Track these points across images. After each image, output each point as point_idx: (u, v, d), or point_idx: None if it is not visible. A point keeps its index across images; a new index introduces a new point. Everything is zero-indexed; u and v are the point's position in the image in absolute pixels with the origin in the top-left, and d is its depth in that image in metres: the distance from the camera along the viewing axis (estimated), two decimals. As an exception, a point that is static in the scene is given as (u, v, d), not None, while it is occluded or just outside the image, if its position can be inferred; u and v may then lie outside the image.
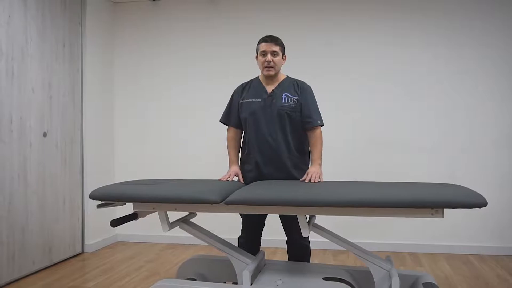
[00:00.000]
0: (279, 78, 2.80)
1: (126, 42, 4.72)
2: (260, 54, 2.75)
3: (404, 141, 4.20)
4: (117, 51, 4.74)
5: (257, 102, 2.76)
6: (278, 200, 2.16)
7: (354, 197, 2.09)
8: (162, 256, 4.11)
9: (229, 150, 2.87)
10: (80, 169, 4.20)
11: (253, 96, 2.79)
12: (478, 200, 2.01)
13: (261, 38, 2.78)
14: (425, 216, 2.12)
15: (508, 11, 4.05)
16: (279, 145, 2.71)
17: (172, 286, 2.33)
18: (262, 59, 2.74)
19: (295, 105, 2.72)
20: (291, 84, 2.78)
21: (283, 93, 2.74)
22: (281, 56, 2.76)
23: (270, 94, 2.75)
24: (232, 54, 4.52)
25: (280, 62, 2.75)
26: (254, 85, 2.84)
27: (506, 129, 4.05)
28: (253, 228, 2.88)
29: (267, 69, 2.73)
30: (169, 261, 3.95)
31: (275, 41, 2.73)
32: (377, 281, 2.42)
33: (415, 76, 4.19)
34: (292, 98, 2.73)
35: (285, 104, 2.71)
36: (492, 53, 4.07)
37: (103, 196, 2.37)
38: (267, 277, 2.49)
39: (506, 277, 3.39)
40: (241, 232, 2.93)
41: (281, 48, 2.76)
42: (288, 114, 2.71)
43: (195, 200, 2.22)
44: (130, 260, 3.98)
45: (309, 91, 2.79)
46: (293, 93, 2.75)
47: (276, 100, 2.72)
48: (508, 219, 4.05)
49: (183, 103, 4.62)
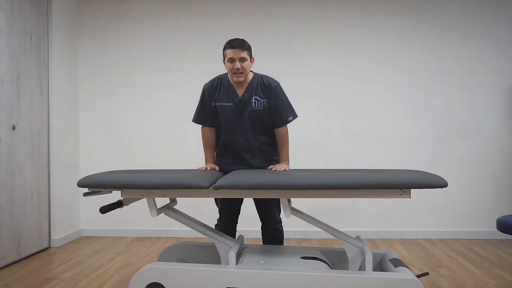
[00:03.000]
0: (247, 80, 2.88)
1: (92, 35, 4.72)
2: (227, 60, 2.78)
3: (362, 133, 4.51)
4: (82, 45, 4.72)
5: (229, 106, 2.87)
6: (264, 184, 2.35)
7: (335, 180, 2.32)
8: (131, 248, 4.17)
9: (205, 150, 3.00)
10: (47, 163, 4.18)
11: (225, 100, 2.88)
12: (440, 182, 2.31)
13: (226, 43, 2.78)
14: (395, 197, 2.38)
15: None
16: (251, 145, 2.88)
17: (162, 267, 2.45)
18: (231, 66, 2.77)
19: (265, 107, 2.86)
20: (259, 85, 2.87)
21: (253, 97, 2.85)
22: (249, 60, 2.80)
23: (241, 99, 2.86)
24: (196, 43, 4.65)
25: (248, 66, 2.80)
26: (224, 87, 2.90)
27: (454, 121, 4.45)
28: (230, 215, 3.04)
29: (237, 76, 2.78)
30: (140, 252, 4.02)
31: (241, 47, 2.74)
32: (351, 258, 2.66)
33: (374, 72, 4.51)
34: (262, 102, 2.85)
35: (255, 108, 2.85)
36: (444, 48, 4.46)
37: (93, 184, 2.45)
38: (250, 258, 2.67)
39: (455, 256, 3.75)
40: (218, 220, 3.08)
41: (249, 52, 2.80)
42: (259, 118, 2.86)
43: (186, 185, 2.36)
44: (100, 253, 4.01)
45: (277, 90, 2.88)
46: (262, 96, 2.85)
47: (246, 105, 2.85)
48: (453, 206, 4.45)
49: (148, 96, 4.69)
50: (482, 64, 4.44)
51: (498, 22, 4.43)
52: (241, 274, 2.41)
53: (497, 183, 4.43)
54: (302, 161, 4.49)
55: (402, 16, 4.50)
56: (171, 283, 2.44)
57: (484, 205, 4.44)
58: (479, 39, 4.44)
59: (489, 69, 4.44)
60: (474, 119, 4.44)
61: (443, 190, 4.46)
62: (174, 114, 4.66)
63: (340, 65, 4.53)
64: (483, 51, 4.44)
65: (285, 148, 2.93)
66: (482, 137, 4.44)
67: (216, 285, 2.42)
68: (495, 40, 4.43)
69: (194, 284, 2.44)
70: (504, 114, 4.42)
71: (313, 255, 2.72)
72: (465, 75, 4.46)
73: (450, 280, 3.13)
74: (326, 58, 4.54)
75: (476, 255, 3.78)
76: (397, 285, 2.33)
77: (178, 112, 4.65)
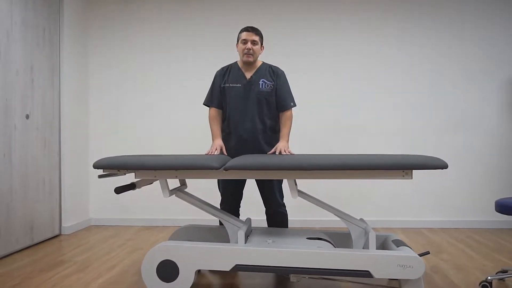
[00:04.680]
0: (256, 65, 3.12)
1: (101, 28, 4.84)
2: (241, 42, 3.06)
3: (363, 126, 4.62)
4: (91, 37, 4.84)
5: (237, 87, 3.07)
6: (272, 165, 2.46)
7: (340, 161, 2.43)
8: (139, 236, 4.28)
9: (212, 126, 3.14)
10: (58, 151, 4.29)
11: (233, 81, 3.09)
12: (440, 163, 2.41)
13: (243, 27, 3.10)
14: (397, 178, 2.49)
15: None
16: (256, 126, 3.04)
17: (174, 245, 2.56)
18: (243, 47, 3.04)
19: (271, 90, 3.07)
20: (267, 70, 3.11)
21: (261, 79, 3.07)
22: (260, 46, 3.09)
23: (249, 80, 3.06)
24: (204, 35, 4.76)
25: (258, 51, 3.08)
26: (233, 70, 3.14)
27: (453, 114, 4.55)
28: (232, 200, 3.17)
29: (247, 56, 3.04)
30: (148, 239, 4.13)
31: (255, 31, 3.06)
32: (354, 238, 2.77)
33: (375, 68, 4.62)
34: (269, 84, 3.07)
35: (262, 89, 3.05)
36: (443, 44, 4.57)
37: (108, 165, 2.56)
38: (258, 238, 2.78)
39: (454, 243, 3.86)
40: (221, 204, 3.20)
41: (260, 39, 3.09)
42: (265, 99, 3.05)
43: (197, 166, 2.47)
44: (110, 239, 4.12)
45: (283, 76, 3.14)
46: (269, 79, 3.08)
47: (254, 86, 3.05)
48: (453, 197, 4.56)
49: (157, 87, 4.80)
50: (480, 59, 4.55)
51: (496, 17, 4.53)
52: (250, 252, 2.52)
53: (495, 174, 4.53)
54: (304, 153, 4.60)
55: (403, 13, 4.60)
56: (183, 261, 2.55)
57: (483, 195, 4.54)
58: (477, 34, 4.55)
59: (487, 63, 4.54)
60: (473, 112, 4.55)
61: (443, 181, 4.57)
62: (182, 105, 4.77)
63: (344, 62, 4.64)
64: (481, 46, 4.55)
65: (287, 126, 3.08)
66: (481, 130, 4.54)
67: (226, 262, 2.53)
68: (493, 35, 4.54)
69: (205, 262, 2.55)
70: (502, 107, 4.52)
71: (318, 236, 2.83)
72: (463, 69, 4.56)
73: (450, 263, 3.23)
74: (332, 55, 4.65)
75: (476, 242, 3.89)
76: (399, 262, 2.43)
77: (186, 103, 4.77)
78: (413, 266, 2.43)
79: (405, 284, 2.52)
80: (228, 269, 2.52)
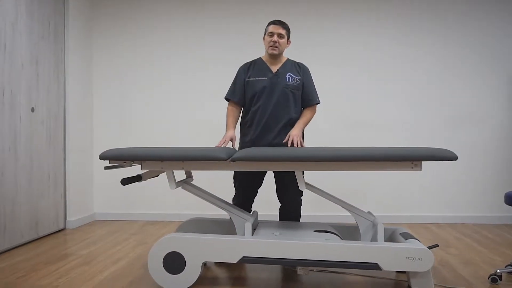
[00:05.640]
0: (281, 60, 3.10)
1: (105, 23, 4.82)
2: (267, 34, 3.05)
3: (370, 121, 4.59)
4: (96, 32, 4.82)
5: (263, 80, 3.03)
6: (280, 156, 2.43)
7: (347, 153, 2.40)
8: (144, 230, 4.27)
9: (228, 118, 3.11)
10: (63, 145, 4.28)
11: (258, 75, 3.06)
12: (450, 154, 2.38)
13: (270, 21, 3.09)
14: (406, 169, 2.46)
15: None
16: (281, 119, 2.98)
17: (181, 237, 2.54)
18: (269, 39, 3.03)
19: (298, 84, 3.04)
20: (293, 66, 3.10)
21: (287, 73, 3.05)
22: (286, 40, 3.06)
23: (275, 73, 3.04)
24: (205, 31, 4.74)
25: (284, 45, 3.05)
26: (258, 64, 3.11)
27: (460, 110, 4.52)
28: (247, 195, 3.12)
29: (272, 48, 3.01)
30: (153, 233, 4.12)
31: (282, 25, 3.04)
32: (362, 231, 2.75)
33: (382, 63, 4.59)
34: (296, 78, 3.05)
35: (289, 83, 3.02)
36: (449, 41, 4.54)
37: (114, 156, 2.54)
38: (264, 230, 2.76)
39: (462, 238, 3.83)
40: (234, 198, 3.16)
41: (287, 32, 3.07)
42: (292, 92, 3.02)
43: (205, 157, 2.45)
44: (114, 233, 4.11)
45: (309, 73, 3.14)
46: (296, 73, 3.07)
47: (281, 79, 3.02)
48: (460, 192, 4.52)
49: (161, 82, 4.79)
50: (485, 56, 4.51)
51: (503, 12, 4.49)
52: (257, 244, 2.50)
53: (502, 169, 4.49)
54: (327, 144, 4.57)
55: (411, 8, 4.57)
56: (190, 253, 2.53)
57: (490, 190, 4.51)
58: (482, 31, 4.51)
59: (493, 60, 4.51)
60: (481, 106, 4.51)
61: (450, 176, 4.53)
62: (189, 99, 4.75)
63: (352, 58, 4.61)
64: (486, 43, 4.51)
65: (306, 116, 3.05)
66: (488, 124, 4.51)
67: (233, 254, 2.51)
68: (497, 32, 4.50)
69: (212, 254, 2.53)
70: (509, 100, 4.49)
71: (326, 229, 2.80)
72: (469, 66, 4.53)
73: (459, 258, 3.20)
74: (339, 50, 4.62)
75: (483, 237, 3.85)
76: (408, 254, 2.41)
77: (188, 98, 4.74)
78: (422, 259, 2.41)
79: (414, 277, 2.49)
80: (235, 261, 2.50)
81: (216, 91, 4.71)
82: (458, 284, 2.61)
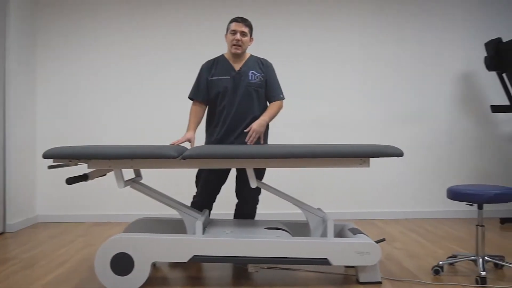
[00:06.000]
0: (244, 57, 3.06)
1: (49, 15, 4.62)
2: (230, 32, 2.99)
3: (320, 120, 4.67)
4: (39, 26, 4.62)
5: (226, 79, 2.99)
6: (229, 154, 2.42)
7: (298, 150, 2.43)
8: (91, 232, 4.13)
9: (190, 118, 3.06)
10: (2, 143, 4.06)
11: (221, 74, 3.01)
12: (396, 151, 2.46)
13: (232, 18, 3.03)
14: (355, 166, 2.52)
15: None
16: (245, 118, 2.96)
17: (129, 237, 2.47)
18: (231, 38, 2.98)
19: (261, 82, 3.02)
20: (256, 63, 3.06)
21: (250, 71, 3.01)
22: (249, 37, 3.03)
23: (238, 72, 3.00)
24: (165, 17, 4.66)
25: (247, 43, 3.02)
26: (221, 62, 3.06)
27: (405, 108, 4.68)
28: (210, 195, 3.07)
29: (235, 47, 2.98)
30: (101, 235, 3.99)
31: (244, 22, 2.99)
32: (312, 227, 2.79)
33: (332, 62, 4.68)
34: (258, 76, 3.02)
35: (252, 81, 2.99)
36: (397, 42, 4.69)
37: (59, 155, 2.43)
38: (215, 229, 2.74)
39: (407, 233, 3.97)
40: (195, 196, 3.12)
41: (250, 30, 3.03)
42: (255, 91, 3.00)
43: (154, 155, 2.39)
44: (59, 236, 3.95)
45: (272, 69, 3.12)
46: (259, 70, 3.04)
47: (244, 78, 2.98)
48: (405, 189, 4.69)
49: (109, 77, 4.65)
50: (432, 55, 4.70)
51: (449, 15, 4.70)
52: (208, 242, 2.47)
53: (444, 166, 4.70)
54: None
55: (363, 10, 4.68)
56: (138, 253, 2.47)
57: (433, 186, 4.70)
58: (428, 33, 4.70)
59: (437, 60, 4.71)
60: (424, 107, 4.69)
61: (394, 173, 4.68)
62: (138, 93, 4.64)
63: (300, 57, 4.67)
64: (433, 43, 4.70)
65: (271, 110, 3.02)
66: (431, 123, 4.70)
67: (183, 253, 2.47)
68: (442, 34, 4.70)
69: (162, 254, 2.48)
70: (450, 101, 4.70)
71: (277, 226, 2.82)
72: (416, 64, 4.70)
73: (403, 251, 3.32)
74: (289, 49, 4.66)
75: (426, 231, 4.01)
76: (357, 249, 2.47)
77: (142, 91, 4.64)
78: (370, 253, 2.47)
79: (362, 271, 2.56)
80: (186, 260, 2.46)
81: (171, 88, 4.63)
82: (403, 277, 2.70)
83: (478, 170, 4.70)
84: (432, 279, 2.66)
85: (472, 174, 4.70)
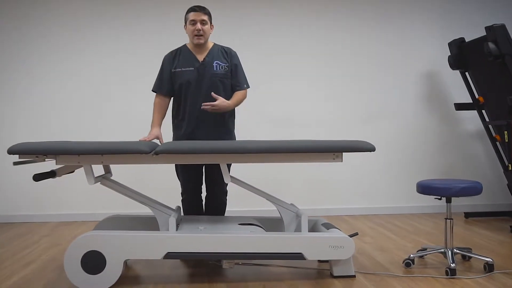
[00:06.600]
0: (208, 46, 2.99)
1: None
2: (189, 23, 2.91)
3: (290, 118, 4.69)
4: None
5: (190, 71, 2.92)
6: (203, 149, 2.39)
7: (272, 145, 2.43)
8: (56, 231, 4.01)
9: (155, 113, 2.99)
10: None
11: (184, 65, 2.94)
12: (368, 146, 2.50)
13: (189, 8, 2.94)
14: (328, 160, 2.54)
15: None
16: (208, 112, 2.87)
17: (101, 234, 2.41)
18: (192, 28, 2.90)
19: (226, 71, 2.96)
20: (220, 52, 2.99)
21: (214, 61, 2.95)
22: (209, 25, 2.95)
23: (202, 63, 2.93)
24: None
25: (208, 31, 2.95)
26: (184, 53, 2.98)
27: (373, 106, 4.76)
28: (193, 187, 3.03)
29: (197, 38, 2.90)
30: (67, 234, 3.88)
31: (203, 11, 2.91)
32: (286, 223, 2.79)
33: (300, 60, 4.71)
34: (223, 66, 2.96)
35: (217, 71, 2.93)
36: (365, 41, 4.76)
37: (25, 150, 2.34)
38: (189, 225, 2.70)
39: (376, 228, 4.04)
40: (182, 193, 3.08)
41: (209, 18, 2.95)
42: (221, 81, 2.94)
43: (126, 150, 2.34)
44: (22, 236, 3.81)
45: (237, 58, 3.06)
46: (223, 60, 2.97)
47: (208, 68, 2.92)
48: (374, 184, 4.77)
49: (68, 74, 4.53)
50: (398, 54, 4.80)
51: (414, 14, 4.81)
52: (182, 239, 2.44)
53: (412, 162, 4.81)
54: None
55: (325, 8, 4.73)
56: (110, 251, 2.41)
57: (400, 182, 4.80)
58: (395, 34, 4.79)
59: (404, 58, 4.80)
60: (390, 104, 4.78)
61: (365, 169, 4.76)
62: (97, 92, 4.54)
63: (268, 56, 4.67)
64: (399, 43, 4.79)
65: (235, 97, 2.96)
66: (397, 121, 4.79)
67: (157, 250, 2.43)
68: (408, 34, 4.81)
69: (134, 251, 2.43)
70: (416, 99, 4.81)
71: (250, 222, 2.81)
72: (382, 63, 4.79)
73: (374, 246, 3.37)
74: (257, 48, 4.66)
75: (395, 226, 4.09)
76: (331, 243, 2.49)
77: (101, 91, 4.54)
78: (344, 247, 2.50)
79: (336, 265, 2.58)
80: (160, 257, 2.42)
81: (132, 79, 4.55)
82: (376, 270, 2.74)
83: (443, 165, 4.83)
84: (403, 272, 2.71)
85: (437, 169, 4.83)
